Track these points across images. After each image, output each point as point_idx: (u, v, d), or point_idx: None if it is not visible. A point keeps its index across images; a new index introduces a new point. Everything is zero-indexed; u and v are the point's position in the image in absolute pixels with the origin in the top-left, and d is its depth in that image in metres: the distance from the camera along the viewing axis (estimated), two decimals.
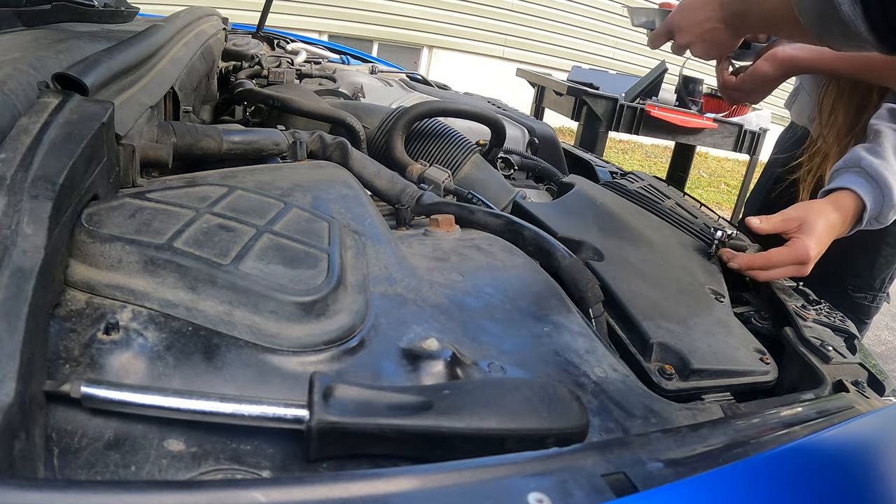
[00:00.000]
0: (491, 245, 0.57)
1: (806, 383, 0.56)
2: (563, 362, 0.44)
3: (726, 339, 0.58)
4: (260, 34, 1.82)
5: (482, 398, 0.32)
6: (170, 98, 0.73)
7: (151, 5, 1.64)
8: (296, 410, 0.29)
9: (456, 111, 0.89)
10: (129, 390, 0.29)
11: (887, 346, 3.03)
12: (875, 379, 0.59)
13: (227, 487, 0.21)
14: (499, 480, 0.24)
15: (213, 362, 0.34)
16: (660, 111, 2.55)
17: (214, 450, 0.29)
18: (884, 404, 0.53)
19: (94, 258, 0.36)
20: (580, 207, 0.80)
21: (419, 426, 0.30)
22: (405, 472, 0.24)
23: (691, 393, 0.51)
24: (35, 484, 0.20)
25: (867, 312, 1.20)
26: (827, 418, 0.41)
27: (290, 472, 0.29)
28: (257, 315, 0.36)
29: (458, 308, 0.46)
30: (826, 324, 0.68)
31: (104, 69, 0.49)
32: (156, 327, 0.34)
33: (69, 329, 0.33)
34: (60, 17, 0.79)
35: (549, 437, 0.31)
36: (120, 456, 0.28)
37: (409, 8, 5.68)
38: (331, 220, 0.47)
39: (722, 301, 0.67)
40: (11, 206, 0.32)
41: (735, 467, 0.29)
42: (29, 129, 0.38)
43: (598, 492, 0.25)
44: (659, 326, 0.55)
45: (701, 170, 6.36)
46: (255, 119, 1.01)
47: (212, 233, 0.39)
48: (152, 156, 0.54)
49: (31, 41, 0.61)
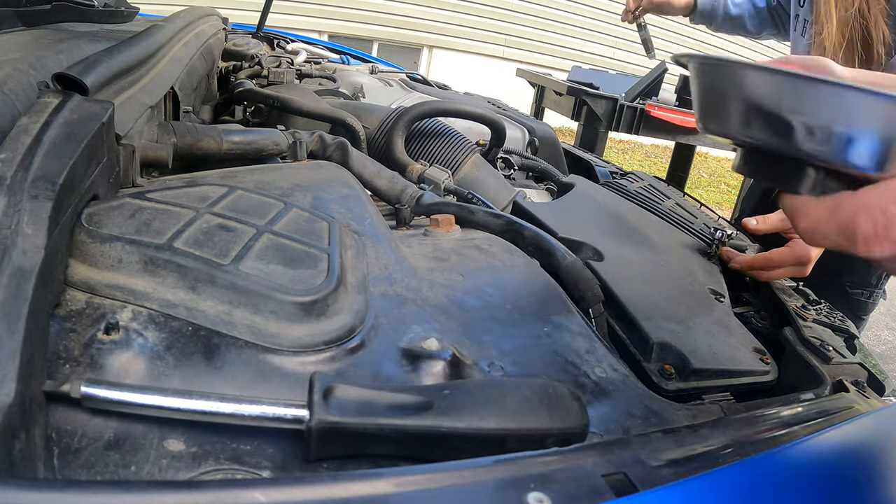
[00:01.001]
0: (491, 245, 0.57)
1: (806, 383, 0.56)
2: (563, 362, 0.44)
3: (726, 339, 0.58)
4: (260, 34, 1.82)
5: (482, 398, 0.32)
6: (170, 98, 0.73)
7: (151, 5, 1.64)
8: (296, 410, 0.29)
9: (456, 111, 0.89)
10: (129, 390, 0.29)
11: (887, 346, 3.03)
12: (875, 379, 0.59)
13: (227, 487, 0.21)
14: (499, 480, 0.24)
15: (213, 362, 0.34)
16: (660, 111, 2.55)
17: (214, 450, 0.29)
18: (884, 404, 0.53)
19: (94, 258, 0.36)
20: (580, 207, 0.80)
21: (419, 426, 0.30)
22: (405, 472, 0.24)
23: (691, 393, 0.51)
24: (35, 484, 0.20)
25: (864, 309, 1.21)
26: (827, 418, 0.41)
27: (290, 472, 0.29)
28: (257, 315, 0.36)
29: (458, 308, 0.46)
30: (826, 324, 0.68)
31: (104, 69, 0.49)
32: (156, 327, 0.34)
33: (69, 329, 0.33)
34: (60, 17, 0.79)
35: (549, 437, 0.31)
36: (120, 456, 0.28)
37: (409, 8, 5.69)
38: (331, 220, 0.47)
39: (722, 301, 0.67)
40: (11, 206, 0.32)
41: (735, 467, 0.29)
42: (29, 129, 0.38)
43: (598, 492, 0.25)
44: (659, 326, 0.55)
45: (701, 170, 6.36)
46: (255, 119, 1.01)
47: (212, 233, 0.39)
48: (152, 156, 0.54)
49: (31, 41, 0.61)
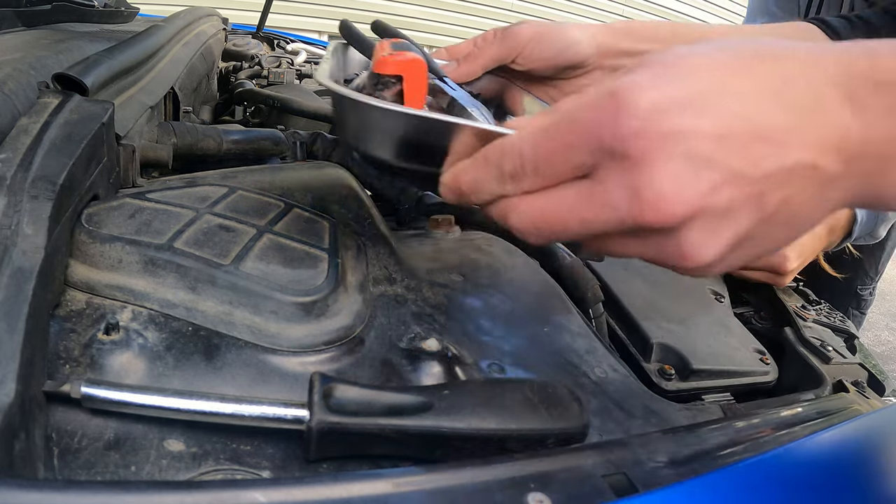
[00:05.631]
0: (491, 245, 0.57)
1: (806, 383, 0.56)
2: (563, 362, 0.44)
3: (726, 339, 0.58)
4: (260, 34, 1.82)
5: (482, 398, 0.32)
6: (170, 98, 0.73)
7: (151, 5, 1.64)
8: (296, 411, 0.29)
9: None
10: (129, 390, 0.29)
11: (887, 346, 3.03)
12: (875, 379, 0.59)
13: (227, 487, 0.21)
14: (499, 480, 0.24)
15: (213, 362, 0.34)
16: None
17: (214, 450, 0.29)
18: (884, 404, 0.53)
19: (94, 258, 0.36)
20: None
21: (419, 426, 0.30)
22: (405, 472, 0.24)
23: (691, 393, 0.51)
24: (35, 484, 0.20)
25: (867, 305, 1.21)
26: (827, 418, 0.41)
27: (290, 472, 0.29)
28: (257, 315, 0.36)
29: (458, 308, 0.46)
30: (826, 324, 0.68)
31: (104, 69, 0.49)
32: (156, 327, 0.34)
33: (69, 329, 0.33)
34: (60, 17, 0.79)
35: (549, 437, 0.31)
36: (120, 456, 0.28)
37: (409, 8, 5.69)
38: (331, 220, 0.47)
39: (722, 301, 0.67)
40: (11, 206, 0.32)
41: (735, 467, 0.29)
42: (29, 130, 0.38)
43: (598, 492, 0.25)
44: (659, 327, 0.55)
45: None
46: (255, 119, 1.01)
47: (212, 233, 0.39)
48: (152, 156, 0.54)
49: (31, 41, 0.61)
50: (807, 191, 0.26)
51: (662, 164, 0.25)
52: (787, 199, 0.26)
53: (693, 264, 0.27)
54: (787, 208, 0.26)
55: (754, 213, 0.26)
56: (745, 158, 0.25)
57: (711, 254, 0.26)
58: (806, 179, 0.25)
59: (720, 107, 0.25)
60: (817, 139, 0.25)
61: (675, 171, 0.25)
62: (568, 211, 0.28)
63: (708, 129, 0.24)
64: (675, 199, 0.25)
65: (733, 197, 0.25)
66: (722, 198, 0.25)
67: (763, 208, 0.26)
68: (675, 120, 0.25)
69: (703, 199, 0.25)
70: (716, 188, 0.25)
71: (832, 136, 0.25)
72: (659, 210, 0.25)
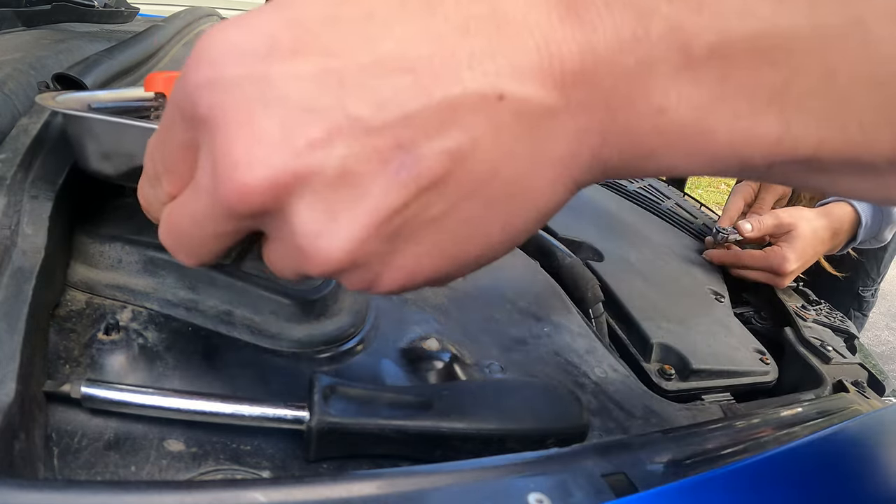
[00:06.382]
0: None
1: (806, 383, 0.56)
2: (563, 362, 0.44)
3: (726, 339, 0.58)
4: None
5: (482, 398, 0.32)
6: None
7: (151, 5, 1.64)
8: (296, 411, 0.29)
9: None
10: (129, 390, 0.29)
11: (887, 346, 3.03)
12: (875, 379, 0.59)
13: (227, 487, 0.21)
14: (499, 480, 0.24)
15: (213, 362, 0.34)
16: None
17: (214, 450, 0.29)
18: (884, 404, 0.53)
19: (94, 258, 0.36)
20: (580, 207, 0.79)
21: (419, 426, 0.30)
22: (405, 472, 0.24)
23: (691, 393, 0.51)
24: (35, 484, 0.20)
25: (869, 307, 1.22)
26: (827, 418, 0.41)
27: (290, 472, 0.29)
28: (257, 315, 0.36)
29: (457, 308, 0.46)
30: (826, 324, 0.68)
31: (104, 69, 0.49)
32: (156, 327, 0.34)
33: (69, 329, 0.33)
34: (60, 17, 0.79)
35: (549, 437, 0.31)
36: (120, 456, 0.27)
37: None
38: None
39: (722, 301, 0.67)
40: (11, 206, 0.32)
41: (735, 467, 0.29)
42: (29, 130, 0.38)
43: (598, 492, 0.25)
44: (659, 327, 0.55)
45: None
46: None
47: None
48: None
49: (31, 41, 0.61)
50: (500, 138, 0.18)
51: (243, 121, 0.18)
52: (462, 152, 0.18)
53: (318, 259, 0.20)
54: (474, 167, 0.18)
55: (402, 173, 0.18)
56: (365, 99, 0.18)
57: (339, 242, 0.19)
58: (489, 120, 0.18)
59: (330, 35, 0.18)
60: (501, 62, 0.18)
61: (259, 127, 0.18)
62: (180, 208, 0.22)
63: (308, 67, 0.18)
64: (256, 164, 0.18)
65: (353, 153, 0.18)
66: (334, 155, 0.18)
67: (420, 165, 0.18)
68: (259, 59, 0.18)
69: (299, 159, 0.18)
70: (318, 142, 0.18)
71: (527, 56, 0.18)
72: (234, 181, 0.18)
